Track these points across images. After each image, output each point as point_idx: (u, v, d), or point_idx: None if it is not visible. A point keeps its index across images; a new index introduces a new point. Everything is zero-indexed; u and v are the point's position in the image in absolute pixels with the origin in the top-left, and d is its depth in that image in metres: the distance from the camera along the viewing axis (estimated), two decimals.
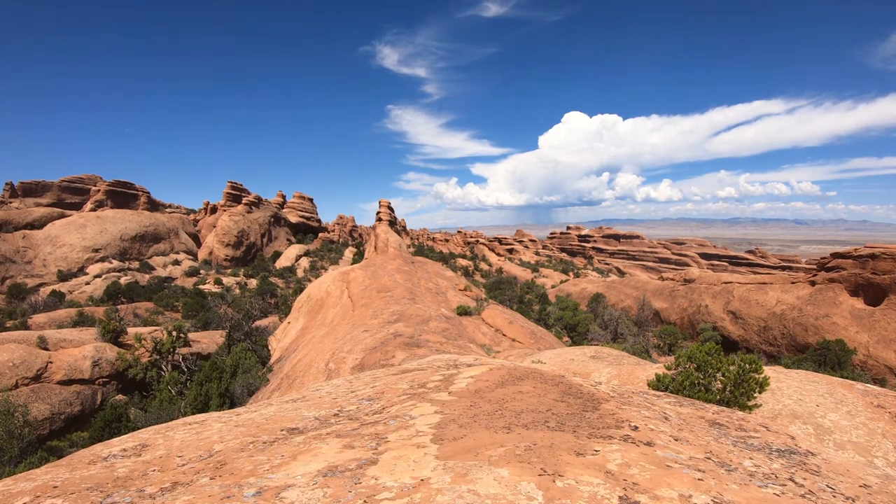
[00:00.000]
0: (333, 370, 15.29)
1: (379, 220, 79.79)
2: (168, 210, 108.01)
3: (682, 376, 8.80)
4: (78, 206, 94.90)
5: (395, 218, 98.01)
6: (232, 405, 18.98)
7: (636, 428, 3.65)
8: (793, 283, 40.52)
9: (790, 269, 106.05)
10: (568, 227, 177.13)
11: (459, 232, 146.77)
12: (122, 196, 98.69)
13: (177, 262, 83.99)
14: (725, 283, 46.05)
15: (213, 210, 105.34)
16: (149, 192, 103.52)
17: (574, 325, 36.97)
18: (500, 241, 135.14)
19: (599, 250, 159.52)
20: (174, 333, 26.36)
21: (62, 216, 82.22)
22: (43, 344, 23.34)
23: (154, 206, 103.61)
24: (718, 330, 40.74)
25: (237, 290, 66.11)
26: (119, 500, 2.63)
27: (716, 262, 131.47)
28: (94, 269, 71.82)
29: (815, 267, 41.70)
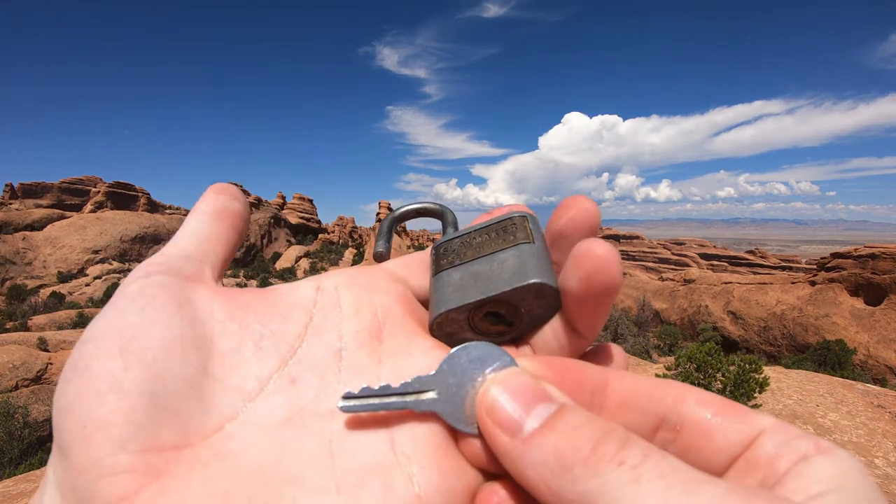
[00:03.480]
0: None
1: (379, 221, 79.97)
2: (168, 211, 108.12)
3: (682, 377, 8.80)
4: (78, 208, 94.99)
5: None
6: None
7: None
8: (793, 283, 40.56)
9: (790, 269, 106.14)
10: None
11: None
12: (122, 197, 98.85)
13: None
14: (725, 283, 46.10)
15: None
16: (149, 194, 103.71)
17: None
18: None
19: None
20: None
21: (62, 217, 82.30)
22: (43, 345, 23.36)
23: (154, 207, 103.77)
24: (718, 330, 40.74)
25: None
26: None
27: (716, 263, 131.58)
28: (93, 270, 71.87)
29: (815, 267, 41.77)
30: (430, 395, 0.23)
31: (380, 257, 0.34)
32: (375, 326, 0.26)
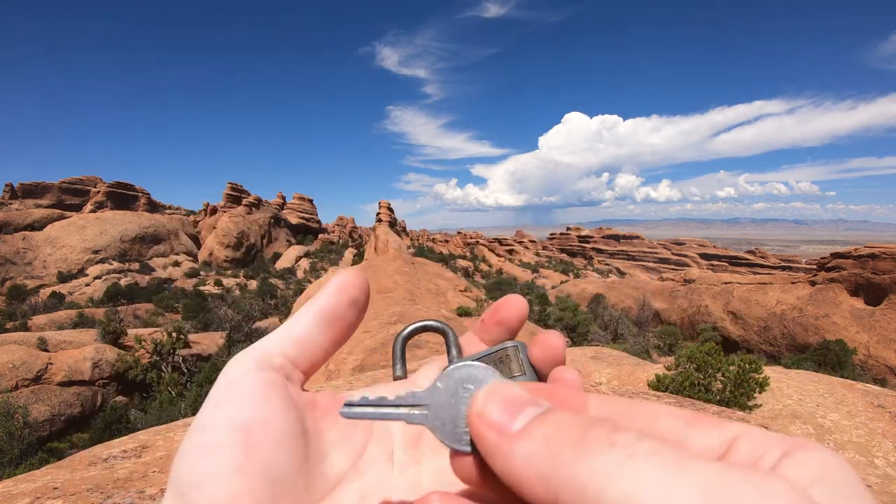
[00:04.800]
0: (333, 371, 15.29)
1: (379, 221, 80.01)
2: (168, 211, 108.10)
3: (682, 376, 8.81)
4: (78, 208, 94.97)
5: (395, 219, 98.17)
6: None
7: None
8: (793, 283, 40.55)
9: (790, 269, 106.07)
10: (568, 228, 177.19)
11: (459, 233, 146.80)
12: (122, 197, 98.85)
13: (177, 264, 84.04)
14: (725, 283, 46.09)
15: (213, 211, 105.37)
16: (149, 194, 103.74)
17: (574, 326, 36.95)
18: (500, 241, 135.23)
19: (599, 251, 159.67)
20: (174, 335, 26.35)
21: (62, 217, 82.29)
22: (43, 345, 23.36)
23: (154, 207, 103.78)
24: (718, 330, 40.73)
25: (237, 292, 66.14)
26: (119, 501, 2.63)
27: (716, 263, 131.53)
28: (94, 270, 71.86)
29: (815, 267, 41.76)
30: (423, 410, 0.27)
31: (400, 381, 0.41)
32: (415, 437, 0.35)
